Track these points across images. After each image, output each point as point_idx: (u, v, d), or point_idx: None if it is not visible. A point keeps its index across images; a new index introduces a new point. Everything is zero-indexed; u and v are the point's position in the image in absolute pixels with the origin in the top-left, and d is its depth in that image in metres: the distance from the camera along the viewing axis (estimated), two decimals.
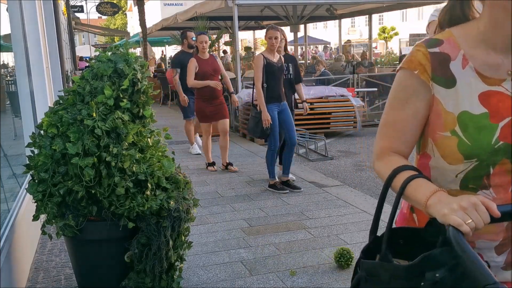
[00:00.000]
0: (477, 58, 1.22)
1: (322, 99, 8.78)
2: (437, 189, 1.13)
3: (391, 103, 1.30)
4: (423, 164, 1.31)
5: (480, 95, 1.20)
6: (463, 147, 1.19)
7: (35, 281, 3.30)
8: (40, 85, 4.88)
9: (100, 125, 2.68)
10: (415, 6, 25.58)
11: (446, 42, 1.24)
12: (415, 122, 1.26)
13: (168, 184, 2.88)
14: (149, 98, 3.00)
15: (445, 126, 1.22)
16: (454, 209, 1.04)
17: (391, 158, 1.28)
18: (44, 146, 2.71)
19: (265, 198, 5.11)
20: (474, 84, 1.21)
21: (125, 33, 34.32)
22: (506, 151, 1.18)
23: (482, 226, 1.03)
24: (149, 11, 28.44)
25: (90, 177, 2.61)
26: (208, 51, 6.33)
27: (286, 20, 13.33)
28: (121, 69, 2.88)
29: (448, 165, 1.23)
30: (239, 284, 3.22)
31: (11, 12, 4.42)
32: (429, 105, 1.24)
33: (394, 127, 1.30)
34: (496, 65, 1.21)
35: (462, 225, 1.01)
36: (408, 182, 1.18)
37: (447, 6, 1.30)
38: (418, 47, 1.25)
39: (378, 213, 1.28)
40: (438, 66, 1.22)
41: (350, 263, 3.40)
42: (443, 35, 1.27)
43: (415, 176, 1.19)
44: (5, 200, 3.59)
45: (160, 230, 2.75)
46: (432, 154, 1.28)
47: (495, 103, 1.19)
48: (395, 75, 1.30)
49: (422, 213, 1.24)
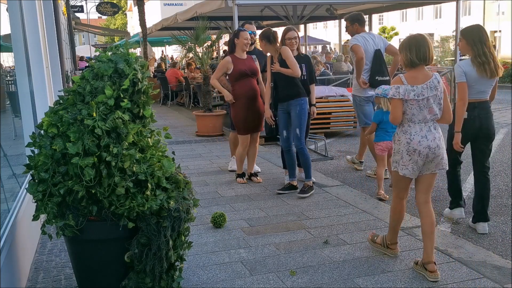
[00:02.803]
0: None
1: (322, 99, 8.78)
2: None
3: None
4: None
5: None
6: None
7: (35, 281, 3.30)
8: (40, 85, 4.87)
9: (101, 125, 2.68)
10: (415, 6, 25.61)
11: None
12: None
13: (168, 184, 2.88)
14: (149, 98, 3.00)
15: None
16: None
17: None
18: (44, 146, 2.71)
19: (265, 198, 5.10)
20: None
21: (125, 33, 34.31)
22: None
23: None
24: (149, 11, 28.46)
25: (90, 177, 2.61)
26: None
27: (286, 20, 13.31)
28: (122, 69, 2.88)
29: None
30: (239, 284, 3.22)
31: (11, 12, 4.42)
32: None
33: None
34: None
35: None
36: None
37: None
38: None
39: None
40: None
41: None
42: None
43: None
44: (5, 200, 3.58)
45: (160, 230, 2.75)
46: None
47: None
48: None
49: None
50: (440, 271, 3.30)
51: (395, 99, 3.27)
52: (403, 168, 3.32)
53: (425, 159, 3.28)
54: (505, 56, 32.24)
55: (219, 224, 4.22)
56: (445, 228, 4.35)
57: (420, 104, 3.23)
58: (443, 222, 4.53)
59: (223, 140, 8.65)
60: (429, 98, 3.23)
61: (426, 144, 3.24)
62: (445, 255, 3.57)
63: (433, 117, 3.29)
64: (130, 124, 2.81)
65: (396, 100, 3.26)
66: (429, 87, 3.23)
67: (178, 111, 13.72)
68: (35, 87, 4.71)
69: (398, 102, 3.25)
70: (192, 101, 14.22)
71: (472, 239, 4.09)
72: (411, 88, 3.22)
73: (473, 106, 4.05)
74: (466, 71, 3.98)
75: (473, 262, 3.44)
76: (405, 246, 3.75)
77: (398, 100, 3.25)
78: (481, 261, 3.46)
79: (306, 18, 13.49)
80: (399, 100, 3.25)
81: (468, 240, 4.01)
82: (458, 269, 3.34)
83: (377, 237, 3.71)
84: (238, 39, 5.55)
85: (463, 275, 3.25)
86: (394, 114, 3.29)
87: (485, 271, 3.30)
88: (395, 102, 3.28)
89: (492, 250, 3.80)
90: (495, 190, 5.42)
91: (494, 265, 3.39)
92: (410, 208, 4.94)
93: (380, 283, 3.18)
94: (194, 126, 9.80)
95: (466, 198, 5.20)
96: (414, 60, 3.24)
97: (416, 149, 3.25)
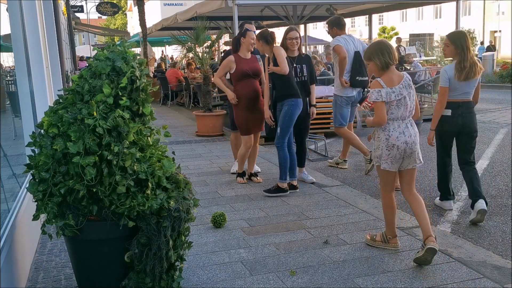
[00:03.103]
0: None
1: (322, 99, 8.78)
2: None
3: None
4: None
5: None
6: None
7: (35, 281, 3.30)
8: (40, 85, 4.87)
9: (102, 123, 2.68)
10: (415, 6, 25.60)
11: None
12: None
13: (169, 184, 2.88)
14: (148, 96, 3.00)
15: None
16: None
17: None
18: (45, 146, 2.71)
19: (265, 198, 5.10)
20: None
21: (125, 33, 34.29)
22: None
23: None
24: (149, 11, 28.46)
25: (92, 176, 2.61)
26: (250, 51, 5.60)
27: (286, 20, 13.32)
28: (119, 67, 2.88)
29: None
30: (239, 284, 3.22)
31: (11, 12, 4.42)
32: None
33: None
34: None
35: None
36: None
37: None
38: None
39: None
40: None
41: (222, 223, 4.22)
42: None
43: None
44: (5, 200, 3.58)
45: (160, 230, 2.75)
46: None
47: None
48: None
49: None
50: (440, 271, 3.30)
51: (378, 102, 3.49)
52: (383, 162, 3.58)
53: (403, 154, 3.55)
54: (505, 56, 32.25)
55: (219, 224, 4.23)
56: (445, 228, 4.35)
57: (398, 103, 3.49)
58: (443, 222, 4.53)
59: (223, 140, 8.65)
60: (406, 97, 3.50)
61: (403, 139, 3.50)
62: (445, 255, 3.57)
63: (409, 114, 3.55)
64: (130, 122, 2.81)
65: (379, 103, 3.49)
66: (404, 86, 3.50)
67: (178, 111, 13.73)
68: (35, 87, 4.71)
69: (382, 105, 3.49)
70: (192, 101, 14.22)
71: (472, 239, 4.09)
72: (391, 90, 3.47)
73: (458, 105, 4.41)
74: (451, 76, 4.33)
75: (473, 262, 3.44)
76: (405, 246, 3.75)
77: (381, 103, 3.48)
78: (481, 261, 3.47)
79: (306, 18, 13.50)
80: (382, 102, 3.48)
81: (468, 240, 4.01)
82: (458, 269, 3.34)
83: (376, 235, 3.82)
84: (244, 38, 5.51)
85: (463, 275, 3.25)
86: (379, 116, 3.51)
87: (485, 271, 3.30)
88: (379, 105, 3.50)
89: (492, 250, 3.79)
90: (495, 190, 5.42)
91: (494, 265, 3.39)
92: (410, 208, 4.94)
93: (380, 283, 3.18)
94: (194, 126, 9.80)
95: (466, 198, 5.20)
96: (388, 61, 3.50)
97: (395, 144, 3.50)
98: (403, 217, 4.42)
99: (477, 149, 7.87)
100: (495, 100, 13.75)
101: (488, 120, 10.42)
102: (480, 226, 4.37)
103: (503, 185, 5.63)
